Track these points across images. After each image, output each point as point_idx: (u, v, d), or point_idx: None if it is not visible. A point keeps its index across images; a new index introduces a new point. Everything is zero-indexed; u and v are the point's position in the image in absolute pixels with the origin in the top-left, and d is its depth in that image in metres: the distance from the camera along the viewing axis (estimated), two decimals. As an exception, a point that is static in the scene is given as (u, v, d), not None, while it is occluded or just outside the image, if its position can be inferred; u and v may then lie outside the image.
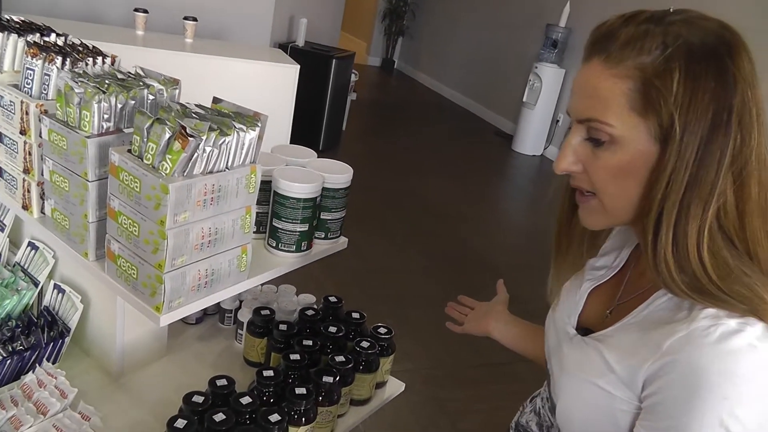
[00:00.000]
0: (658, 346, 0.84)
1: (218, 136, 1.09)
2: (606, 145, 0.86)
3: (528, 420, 1.20)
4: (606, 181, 0.88)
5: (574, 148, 0.90)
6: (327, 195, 1.39)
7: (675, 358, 0.81)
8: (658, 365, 0.83)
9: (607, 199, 0.90)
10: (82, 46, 1.48)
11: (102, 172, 1.20)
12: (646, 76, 0.82)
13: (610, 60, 0.84)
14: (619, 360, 0.89)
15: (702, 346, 0.79)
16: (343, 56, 5.79)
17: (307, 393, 1.29)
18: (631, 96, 0.83)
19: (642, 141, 0.84)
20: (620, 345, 0.91)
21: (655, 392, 0.84)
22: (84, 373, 1.43)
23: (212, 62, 4.09)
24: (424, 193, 5.51)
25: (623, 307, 0.98)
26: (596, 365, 0.93)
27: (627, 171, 0.86)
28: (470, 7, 8.78)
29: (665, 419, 0.83)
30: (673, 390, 0.81)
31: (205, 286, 1.19)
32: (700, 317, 0.81)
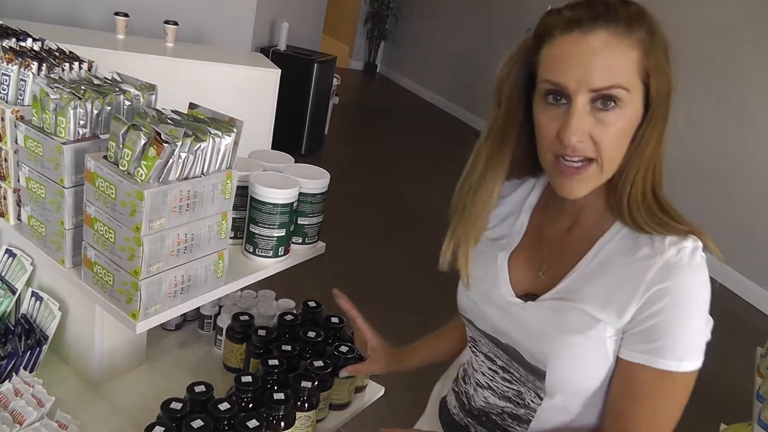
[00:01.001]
0: (639, 281, 0.97)
1: (193, 142, 1.09)
2: (614, 109, 0.94)
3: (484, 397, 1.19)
4: (612, 144, 0.96)
5: (586, 116, 0.95)
6: (304, 200, 1.39)
7: (663, 285, 0.95)
8: (646, 297, 0.96)
9: (608, 161, 0.97)
10: (58, 51, 1.48)
11: (78, 179, 1.20)
12: (645, 49, 0.94)
13: (618, 33, 0.92)
14: (602, 307, 1.00)
15: (682, 270, 0.96)
16: (325, 60, 5.79)
17: (285, 398, 1.29)
18: (638, 65, 0.94)
19: (638, 104, 0.96)
20: (594, 295, 1.01)
21: (648, 318, 0.97)
22: (62, 382, 1.42)
23: (193, 66, 4.07)
24: (406, 196, 5.51)
25: (558, 264, 1.08)
26: (579, 320, 1.01)
27: (627, 132, 0.97)
28: (452, 11, 8.80)
29: (662, 338, 0.96)
30: (668, 311, 0.95)
31: (181, 292, 1.18)
32: (666, 247, 0.97)
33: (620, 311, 0.98)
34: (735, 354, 3.60)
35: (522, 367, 1.10)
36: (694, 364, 0.97)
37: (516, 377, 1.12)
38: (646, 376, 0.98)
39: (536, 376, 1.07)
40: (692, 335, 0.97)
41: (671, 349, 0.96)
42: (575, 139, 0.94)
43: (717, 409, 3.27)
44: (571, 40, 0.93)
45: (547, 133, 0.98)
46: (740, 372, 3.05)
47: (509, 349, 1.11)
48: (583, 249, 1.05)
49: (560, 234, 1.10)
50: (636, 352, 0.98)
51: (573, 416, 1.09)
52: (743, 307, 4.57)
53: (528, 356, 1.07)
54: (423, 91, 9.44)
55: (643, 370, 0.98)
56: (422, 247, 4.67)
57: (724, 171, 4.85)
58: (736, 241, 4.74)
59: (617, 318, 0.99)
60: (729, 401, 3.28)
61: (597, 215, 1.06)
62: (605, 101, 0.93)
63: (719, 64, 4.91)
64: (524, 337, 1.08)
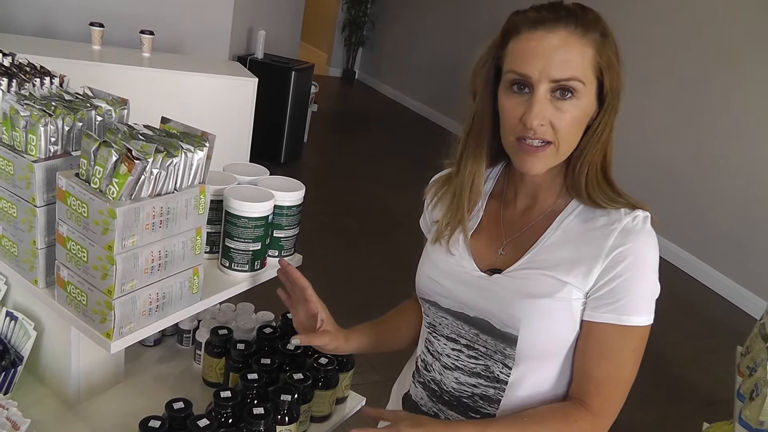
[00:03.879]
0: (602, 247, 1.11)
1: (165, 157, 1.09)
2: (571, 99, 1.08)
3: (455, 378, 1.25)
4: (568, 129, 1.10)
5: (546, 103, 1.08)
6: (279, 213, 1.38)
7: (623, 248, 1.09)
8: (609, 259, 1.10)
9: (564, 145, 1.11)
10: (29, 66, 1.46)
11: (50, 197, 1.18)
12: (599, 48, 1.08)
13: (577, 33, 1.07)
14: (568, 271, 1.12)
15: (638, 233, 1.10)
16: (303, 68, 5.78)
17: (265, 412, 1.28)
18: (593, 61, 1.08)
19: (591, 97, 1.10)
20: (559, 261, 1.14)
21: (611, 279, 1.10)
22: (38, 403, 1.40)
23: (170, 77, 4.05)
24: (387, 203, 5.51)
25: (518, 241, 1.20)
26: (547, 284, 1.13)
27: (581, 120, 1.11)
28: (430, 17, 8.82)
29: (625, 296, 1.09)
30: (629, 271, 1.09)
31: (156, 310, 1.17)
32: (623, 216, 1.12)
33: (586, 273, 1.11)
34: (717, 353, 3.62)
35: (491, 336, 1.18)
36: (649, 318, 1.11)
37: (482, 352, 1.20)
38: (612, 334, 1.11)
39: (507, 343, 1.16)
40: (648, 292, 1.11)
41: (634, 306, 1.10)
42: (537, 123, 1.07)
43: (700, 408, 3.29)
44: (535, 37, 1.07)
45: (512, 117, 1.11)
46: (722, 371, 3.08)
47: (477, 321, 1.20)
48: (544, 225, 1.18)
49: (517, 216, 1.24)
50: (601, 312, 1.11)
51: (538, 391, 1.19)
52: (724, 306, 4.61)
53: (498, 323, 1.16)
54: (402, 97, 9.45)
55: (610, 329, 1.11)
56: (404, 253, 4.64)
57: (699, 171, 4.89)
58: (714, 240, 4.78)
59: (583, 280, 1.11)
60: (711, 400, 3.30)
61: (554, 195, 1.20)
62: (563, 91, 1.08)
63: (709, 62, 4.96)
64: (494, 305, 1.17)
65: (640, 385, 1.22)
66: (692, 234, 4.91)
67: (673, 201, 5.06)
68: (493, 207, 1.28)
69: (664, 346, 3.76)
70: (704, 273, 4.81)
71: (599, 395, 1.13)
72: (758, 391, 1.90)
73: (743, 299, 4.57)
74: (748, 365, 2.21)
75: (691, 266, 4.87)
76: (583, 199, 1.16)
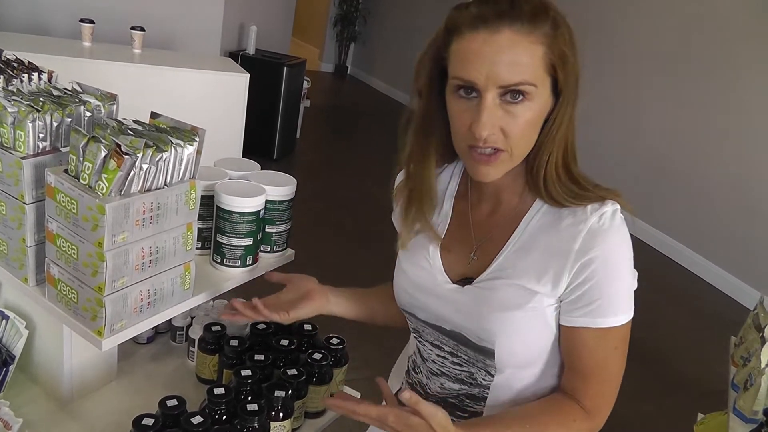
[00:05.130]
0: (569, 250, 1.05)
1: (155, 152, 1.08)
2: (522, 102, 1.00)
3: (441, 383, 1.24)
4: (521, 134, 1.03)
5: (495, 111, 1.00)
6: (271, 208, 1.38)
7: (592, 252, 1.04)
8: (579, 263, 1.05)
9: (518, 149, 1.04)
10: (17, 62, 1.45)
11: (39, 194, 1.17)
12: (551, 44, 1.00)
13: (524, 30, 0.98)
14: (537, 279, 1.07)
15: (606, 233, 1.04)
16: (295, 63, 5.76)
17: (259, 409, 1.27)
18: (544, 60, 1.00)
19: (546, 95, 1.03)
20: (527, 269, 1.09)
21: (582, 282, 1.05)
22: (30, 402, 1.39)
23: (161, 73, 4.03)
24: (380, 198, 5.47)
25: (487, 245, 1.15)
26: (518, 295, 1.09)
27: (536, 122, 1.04)
28: (421, 11, 8.80)
29: (597, 299, 1.05)
30: (598, 275, 1.04)
31: (148, 306, 1.16)
32: (588, 215, 1.05)
33: (555, 281, 1.07)
34: (711, 344, 3.63)
35: (470, 349, 1.16)
36: (628, 315, 1.08)
37: (465, 359, 1.18)
38: (589, 337, 1.08)
39: (485, 356, 1.14)
40: (623, 291, 1.07)
41: (607, 308, 1.06)
42: (486, 133, 1.00)
43: (694, 398, 3.30)
44: (478, 39, 0.98)
45: (460, 124, 1.04)
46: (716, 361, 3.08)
47: (454, 334, 1.17)
48: (510, 228, 1.13)
49: (485, 217, 1.18)
50: (577, 317, 1.08)
51: (524, 386, 1.16)
52: (717, 297, 4.62)
53: (474, 338, 1.13)
54: (394, 91, 9.44)
55: (586, 332, 1.08)
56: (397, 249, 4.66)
57: (693, 162, 4.90)
58: (707, 231, 4.79)
59: (553, 288, 1.07)
60: (706, 390, 3.31)
61: (517, 195, 1.14)
62: (514, 95, 1.00)
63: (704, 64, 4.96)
64: (467, 320, 1.14)
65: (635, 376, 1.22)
66: (686, 226, 4.92)
67: (668, 193, 5.07)
68: (461, 208, 1.22)
69: (658, 337, 3.77)
70: (698, 264, 4.82)
71: (589, 393, 1.12)
72: (752, 381, 1.90)
73: (737, 290, 4.58)
74: (741, 355, 2.21)
75: (684, 257, 4.88)
76: (545, 199, 1.10)
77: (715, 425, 2.27)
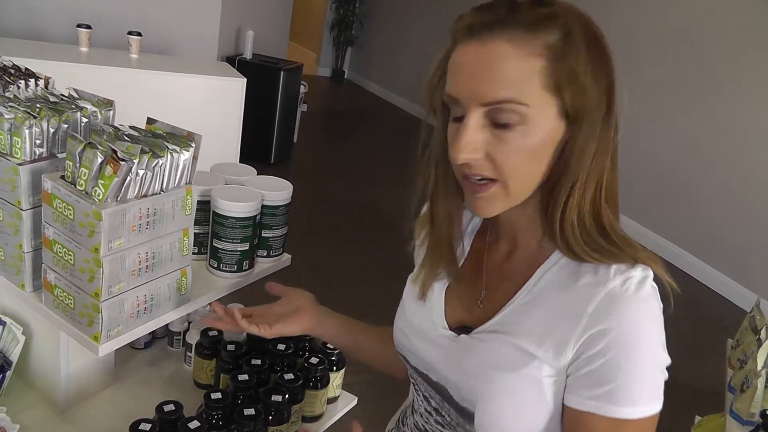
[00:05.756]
0: (581, 314, 0.86)
1: (151, 158, 1.08)
2: (514, 126, 0.84)
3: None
4: (516, 165, 0.86)
5: (477, 133, 0.86)
6: (267, 212, 1.38)
7: (606, 320, 0.85)
8: (591, 332, 0.85)
9: (513, 182, 0.88)
10: (13, 68, 1.45)
11: (36, 200, 1.17)
12: (556, 55, 0.83)
13: (518, 40, 0.83)
14: (538, 342, 0.89)
15: (628, 303, 0.85)
16: (292, 68, 5.76)
17: (255, 413, 1.28)
18: (544, 74, 0.83)
19: (551, 119, 0.85)
20: (531, 329, 0.91)
21: (593, 358, 0.86)
22: (28, 408, 1.39)
23: (158, 78, 4.03)
24: (378, 202, 5.50)
25: (496, 293, 0.98)
26: (512, 357, 0.91)
27: (537, 150, 0.86)
28: (418, 15, 8.81)
29: (611, 381, 0.85)
30: (615, 349, 0.84)
31: (144, 312, 1.17)
32: (611, 276, 0.86)
33: (558, 348, 0.88)
34: (708, 345, 3.64)
35: (452, 408, 1.00)
36: (652, 408, 0.86)
37: (447, 420, 1.03)
38: (598, 427, 0.87)
39: (466, 419, 0.97)
40: (646, 375, 0.86)
41: (624, 394, 0.85)
42: (462, 157, 0.87)
43: (692, 401, 3.30)
44: (468, 50, 0.86)
45: (450, 150, 0.90)
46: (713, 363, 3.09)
47: (439, 387, 1.02)
48: (523, 277, 0.95)
49: (500, 260, 1.01)
50: (584, 398, 0.87)
51: None
52: (714, 299, 4.62)
53: (457, 395, 0.98)
54: (391, 96, 9.44)
55: (595, 420, 0.87)
56: (395, 252, 4.64)
57: (690, 165, 4.91)
58: (704, 234, 4.80)
59: (555, 356, 0.88)
60: (703, 392, 3.31)
61: (536, 240, 0.96)
62: (502, 115, 0.84)
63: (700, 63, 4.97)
64: (453, 373, 0.98)
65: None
66: (683, 229, 4.93)
67: (665, 196, 5.08)
68: (479, 247, 1.06)
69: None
70: (694, 267, 4.82)
71: None
72: (749, 383, 1.90)
73: (733, 292, 4.58)
74: (738, 357, 2.21)
75: (681, 260, 4.88)
76: (562, 249, 0.91)
77: (713, 427, 2.27)
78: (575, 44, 0.83)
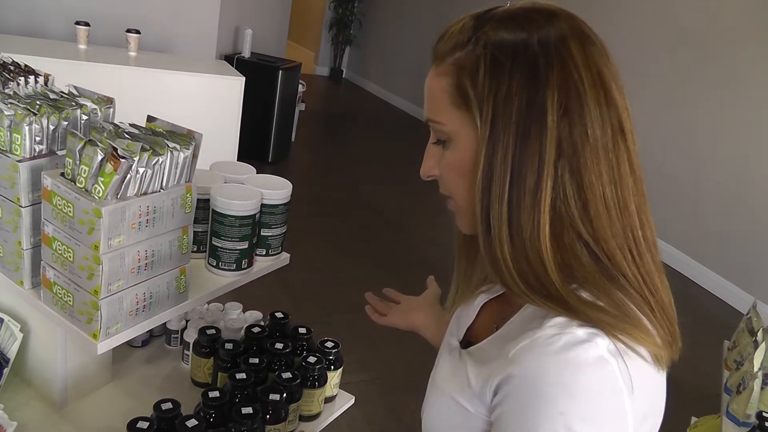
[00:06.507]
0: (506, 356, 0.77)
1: (151, 156, 1.08)
2: (447, 144, 0.85)
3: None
4: (451, 180, 0.86)
5: (430, 151, 0.89)
6: (266, 211, 1.38)
7: (514, 369, 0.75)
8: (502, 376, 0.77)
9: (458, 199, 0.87)
10: (13, 64, 1.45)
11: (35, 197, 1.17)
12: (459, 70, 0.81)
13: (438, 60, 0.84)
14: (476, 374, 0.83)
15: (541, 356, 0.73)
16: (290, 67, 5.76)
17: (253, 412, 1.27)
18: (450, 92, 0.82)
19: (469, 136, 0.81)
20: (481, 358, 0.86)
21: (498, 404, 0.78)
22: (25, 405, 1.39)
23: (156, 76, 4.03)
24: (375, 202, 5.51)
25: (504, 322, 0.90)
26: (459, 380, 0.87)
27: (463, 167, 0.82)
28: (416, 15, 8.82)
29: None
30: (511, 402, 0.75)
31: (143, 310, 1.17)
32: (548, 325, 0.75)
33: (483, 386, 0.81)
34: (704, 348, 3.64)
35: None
36: None
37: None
38: None
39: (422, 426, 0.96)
40: None
41: None
42: (423, 174, 0.90)
43: (688, 402, 3.31)
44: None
45: None
46: (709, 365, 3.09)
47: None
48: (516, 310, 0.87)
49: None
50: None
51: None
52: (711, 301, 4.63)
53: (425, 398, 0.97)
54: (389, 95, 9.45)
55: None
56: (392, 251, 4.67)
57: (687, 168, 4.92)
58: (701, 236, 4.80)
59: (480, 391, 0.81)
60: (699, 394, 3.32)
61: None
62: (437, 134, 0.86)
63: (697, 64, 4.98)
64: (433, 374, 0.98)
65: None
66: (680, 230, 4.93)
67: (662, 197, 5.08)
68: None
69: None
70: (691, 268, 4.83)
71: None
72: (745, 385, 1.91)
73: (730, 294, 4.60)
74: (735, 359, 2.22)
75: (678, 261, 4.89)
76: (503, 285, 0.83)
77: (709, 429, 2.28)
78: (478, 56, 0.79)
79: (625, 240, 0.79)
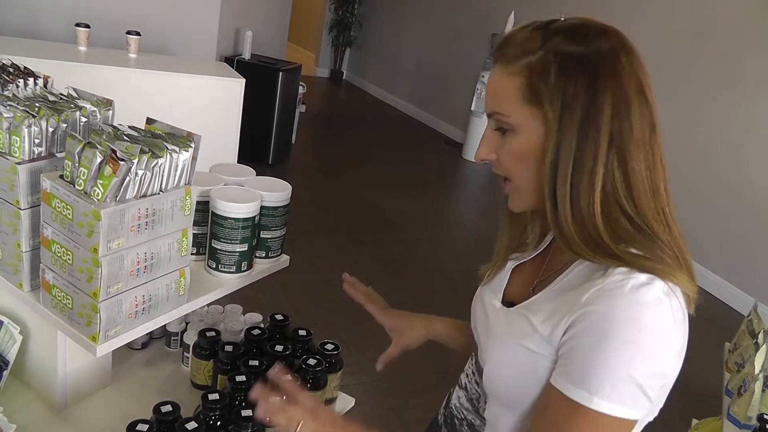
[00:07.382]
0: (576, 302, 0.93)
1: (150, 158, 1.08)
2: (509, 132, 1.00)
3: (459, 396, 1.21)
4: (513, 164, 1.01)
5: (489, 138, 1.03)
6: (266, 213, 1.38)
7: (590, 308, 0.90)
8: (575, 316, 0.92)
9: (518, 181, 1.02)
10: (12, 66, 1.45)
11: (34, 200, 1.17)
12: (532, 72, 0.96)
13: (506, 62, 0.99)
14: (543, 321, 0.98)
15: (614, 297, 0.89)
16: (290, 68, 5.76)
17: (253, 415, 1.27)
18: (522, 90, 0.97)
19: (536, 128, 0.97)
20: (544, 309, 1.00)
21: (570, 339, 0.92)
22: (24, 407, 1.38)
23: (156, 77, 4.02)
24: (375, 203, 5.50)
25: (545, 282, 1.07)
26: (522, 328, 1.01)
27: (527, 154, 0.99)
28: (417, 17, 8.82)
29: (575, 363, 0.91)
30: (586, 336, 0.90)
31: (143, 312, 1.16)
32: (615, 273, 0.92)
33: (553, 327, 0.95)
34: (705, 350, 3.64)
35: (476, 367, 1.14)
36: (611, 406, 0.88)
37: (477, 379, 1.15)
38: (557, 402, 0.92)
39: (480, 376, 1.10)
40: (608, 371, 0.88)
41: (581, 378, 0.89)
42: (478, 156, 1.04)
43: (689, 404, 3.31)
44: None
45: None
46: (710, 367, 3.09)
47: (475, 345, 1.17)
48: (563, 269, 1.03)
49: (558, 256, 1.09)
50: (557, 374, 0.93)
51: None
52: (712, 303, 4.63)
53: (479, 355, 1.11)
54: (389, 97, 9.45)
55: (555, 394, 0.92)
56: (393, 253, 4.67)
57: (687, 168, 4.92)
58: (701, 237, 4.80)
59: (550, 333, 0.95)
60: (700, 396, 3.31)
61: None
62: (498, 124, 1.01)
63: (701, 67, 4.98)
64: (483, 334, 1.12)
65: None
66: (680, 231, 4.93)
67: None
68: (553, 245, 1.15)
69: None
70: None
71: None
72: (746, 387, 1.91)
73: (731, 296, 4.59)
74: (736, 361, 2.22)
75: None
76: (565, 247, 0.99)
77: (710, 431, 2.27)
78: (549, 62, 0.95)
79: (659, 213, 0.99)
